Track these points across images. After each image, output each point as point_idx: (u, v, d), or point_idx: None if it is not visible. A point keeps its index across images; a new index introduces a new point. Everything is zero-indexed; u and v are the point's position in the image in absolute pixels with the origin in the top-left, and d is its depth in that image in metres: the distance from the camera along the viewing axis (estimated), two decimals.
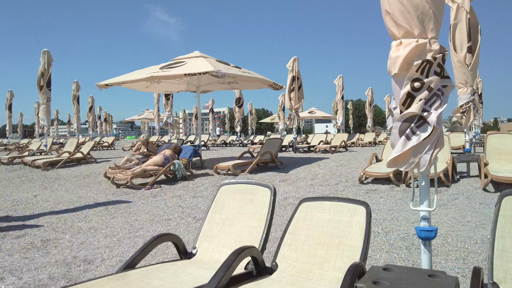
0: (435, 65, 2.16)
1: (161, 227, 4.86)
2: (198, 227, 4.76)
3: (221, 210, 3.01)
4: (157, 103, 23.90)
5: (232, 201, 3.01)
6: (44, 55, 12.44)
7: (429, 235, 2.26)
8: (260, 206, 2.84)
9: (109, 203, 6.42)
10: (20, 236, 4.55)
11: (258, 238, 2.69)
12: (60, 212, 5.89)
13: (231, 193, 3.05)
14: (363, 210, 2.50)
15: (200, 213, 5.53)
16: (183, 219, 5.23)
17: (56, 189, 8.06)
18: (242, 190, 3.00)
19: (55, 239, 4.44)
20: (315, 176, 8.04)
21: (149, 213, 5.63)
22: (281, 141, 9.83)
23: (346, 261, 2.30)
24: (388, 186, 6.78)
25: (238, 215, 2.90)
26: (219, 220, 2.96)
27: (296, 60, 14.36)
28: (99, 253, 3.91)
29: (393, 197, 6.07)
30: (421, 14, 2.15)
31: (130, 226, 4.93)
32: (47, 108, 12.51)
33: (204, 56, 9.68)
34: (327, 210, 2.63)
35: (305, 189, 6.94)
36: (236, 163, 8.59)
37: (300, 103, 14.88)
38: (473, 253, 3.68)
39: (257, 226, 2.76)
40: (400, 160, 2.25)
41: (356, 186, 6.93)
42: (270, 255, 3.43)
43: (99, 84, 9.01)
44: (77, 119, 20.97)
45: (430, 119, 2.15)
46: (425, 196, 2.35)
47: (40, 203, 6.64)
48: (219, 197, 3.08)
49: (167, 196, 6.78)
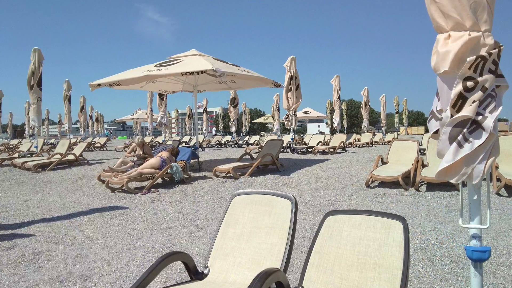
0: (490, 62, 1.88)
1: (161, 236, 4.54)
2: (201, 236, 4.46)
3: (235, 224, 2.70)
4: (150, 102, 23.50)
5: (247, 213, 2.70)
6: (34, 53, 12.02)
7: (482, 256, 1.98)
8: (280, 220, 2.54)
9: (104, 209, 6.08)
10: (10, 247, 4.20)
11: (279, 257, 2.39)
12: (53, 219, 5.54)
13: (246, 204, 2.75)
14: (399, 226, 2.22)
15: (202, 220, 5.21)
16: (185, 227, 4.90)
17: (48, 194, 7.69)
18: (259, 201, 2.70)
19: (48, 251, 4.09)
20: (318, 179, 7.76)
21: (148, 220, 5.30)
22: (282, 142, 9.54)
23: (385, 285, 2.02)
24: (397, 190, 6.52)
25: (255, 230, 2.59)
26: (233, 235, 2.66)
27: (293, 60, 14.10)
28: (96, 268, 3.58)
29: (403, 202, 5.80)
30: (474, 3, 1.87)
31: (128, 236, 4.59)
32: (38, 108, 12.09)
33: (201, 54, 9.35)
34: (357, 225, 2.34)
35: (310, 193, 6.65)
36: (236, 166, 8.27)
37: (298, 103, 14.63)
38: (502, 265, 3.41)
39: (278, 243, 2.46)
40: (451, 171, 1.96)
41: (363, 190, 6.66)
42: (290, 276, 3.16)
43: (92, 84, 8.63)
44: (68, 119, 20.47)
45: (486, 124, 1.86)
46: (476, 212, 2.07)
47: (31, 209, 6.28)
48: (233, 209, 2.77)
49: (165, 202, 6.44)
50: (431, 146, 7.58)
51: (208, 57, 9.09)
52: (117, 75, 8.66)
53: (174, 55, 9.73)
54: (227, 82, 10.87)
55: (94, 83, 8.46)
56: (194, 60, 8.62)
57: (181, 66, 8.15)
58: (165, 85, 11.22)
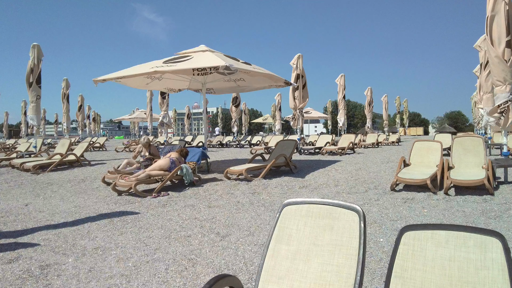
0: None
1: (181, 246, 4.10)
2: (225, 247, 4.02)
3: (288, 240, 2.27)
4: (150, 102, 22.99)
5: (302, 227, 2.27)
6: (33, 49, 11.55)
7: None
8: (345, 236, 2.12)
9: (113, 214, 5.63)
10: (13, 259, 3.75)
11: (349, 282, 1.96)
12: (58, 226, 5.09)
13: (300, 216, 2.32)
14: (497, 244, 1.80)
15: (222, 227, 4.78)
16: (205, 235, 4.47)
17: (50, 197, 7.23)
18: (316, 212, 2.27)
19: (56, 264, 3.65)
20: (337, 182, 7.34)
21: (163, 227, 4.86)
22: (295, 143, 9.12)
23: None
24: (425, 193, 6.12)
25: (315, 248, 2.17)
26: (287, 254, 2.23)
27: (300, 57, 13.74)
28: (114, 285, 3.14)
29: (436, 208, 5.40)
30: None
31: (145, 246, 4.16)
32: (37, 106, 11.62)
33: (211, 50, 8.91)
34: (443, 243, 1.91)
35: (332, 197, 6.24)
36: (249, 168, 7.84)
37: (304, 102, 14.30)
38: None
39: (346, 264, 2.03)
40: None
41: (388, 194, 6.26)
42: None
43: (96, 79, 8.17)
44: (67, 118, 19.94)
45: None
46: None
47: (33, 214, 5.83)
48: (284, 222, 2.34)
49: (178, 206, 6.00)
50: (456, 147, 7.19)
51: (219, 53, 8.67)
52: (123, 71, 8.20)
53: (172, 55, 9.09)
54: (236, 80, 10.42)
55: (99, 79, 8.00)
56: (205, 56, 8.18)
57: (192, 63, 7.71)
58: (171, 83, 10.76)
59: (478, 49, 11.03)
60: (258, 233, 4.51)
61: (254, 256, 3.74)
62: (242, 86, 10.91)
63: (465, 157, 7.06)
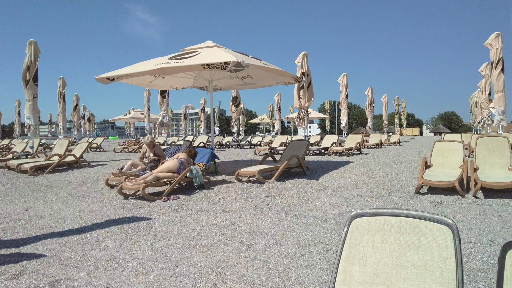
0: None
1: (205, 258, 3.70)
2: (253, 258, 3.63)
3: (363, 260, 1.89)
4: (148, 101, 22.50)
5: (379, 244, 1.89)
6: (30, 46, 11.06)
7: None
8: (436, 255, 1.74)
9: (122, 220, 5.21)
10: (18, 274, 3.33)
11: None
12: (64, 233, 4.67)
13: (375, 231, 1.93)
14: None
15: (245, 235, 4.38)
16: (228, 244, 4.07)
17: (51, 200, 6.79)
18: (396, 226, 1.89)
19: (67, 279, 3.23)
20: (356, 184, 6.97)
21: (180, 235, 4.46)
22: (308, 143, 8.73)
23: None
24: (452, 197, 5.77)
25: (398, 270, 1.79)
26: (362, 277, 1.84)
27: (305, 56, 13.33)
28: None
29: (469, 212, 5.05)
30: None
31: (164, 257, 3.75)
32: (34, 105, 11.12)
33: (219, 46, 8.51)
34: None
35: (355, 201, 5.87)
36: (261, 169, 7.45)
37: (310, 101, 13.86)
38: None
39: None
40: None
41: (414, 198, 5.90)
42: None
43: (99, 77, 7.72)
44: (63, 118, 19.40)
45: None
46: None
47: (34, 220, 5.40)
48: (355, 237, 1.95)
49: (191, 211, 5.60)
50: (480, 148, 6.86)
51: (227, 49, 8.26)
52: (128, 68, 7.77)
53: (167, 54, 8.53)
54: (243, 77, 10.03)
55: (101, 77, 7.56)
56: (213, 52, 7.77)
57: (200, 59, 7.30)
58: (175, 81, 10.34)
59: (489, 47, 10.73)
60: (285, 241, 4.12)
61: (289, 269, 3.35)
62: (248, 83, 10.51)
63: (489, 157, 6.74)
